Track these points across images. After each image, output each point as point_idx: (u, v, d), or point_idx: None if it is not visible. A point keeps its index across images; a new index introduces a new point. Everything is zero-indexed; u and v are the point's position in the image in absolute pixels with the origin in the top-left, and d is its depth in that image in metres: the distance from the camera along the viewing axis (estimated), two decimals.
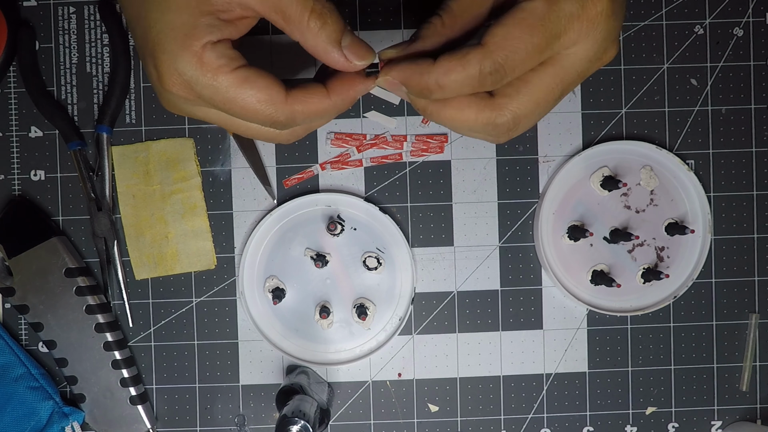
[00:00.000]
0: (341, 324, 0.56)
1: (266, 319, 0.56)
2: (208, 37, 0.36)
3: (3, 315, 0.57)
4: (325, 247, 0.56)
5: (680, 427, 0.57)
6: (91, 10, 0.56)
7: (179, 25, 0.36)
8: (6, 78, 0.56)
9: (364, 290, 0.56)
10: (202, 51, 0.36)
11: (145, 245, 0.56)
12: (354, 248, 0.56)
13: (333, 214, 0.56)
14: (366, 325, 0.56)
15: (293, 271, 0.56)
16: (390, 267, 0.56)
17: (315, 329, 0.56)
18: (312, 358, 0.56)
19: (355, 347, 0.56)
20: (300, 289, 0.56)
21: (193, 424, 0.57)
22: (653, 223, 0.56)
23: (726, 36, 0.57)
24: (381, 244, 0.56)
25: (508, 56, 0.36)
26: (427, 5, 0.56)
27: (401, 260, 0.56)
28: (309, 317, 0.56)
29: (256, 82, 0.37)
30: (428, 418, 0.57)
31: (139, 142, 0.56)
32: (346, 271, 0.56)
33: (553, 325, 0.57)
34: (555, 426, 0.57)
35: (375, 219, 0.56)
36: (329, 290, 0.56)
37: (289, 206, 0.55)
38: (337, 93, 0.38)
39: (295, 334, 0.56)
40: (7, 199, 0.56)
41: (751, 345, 0.57)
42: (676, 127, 0.57)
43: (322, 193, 0.56)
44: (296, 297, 0.56)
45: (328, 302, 0.56)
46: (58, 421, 0.54)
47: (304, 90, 0.38)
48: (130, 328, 0.57)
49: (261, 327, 0.56)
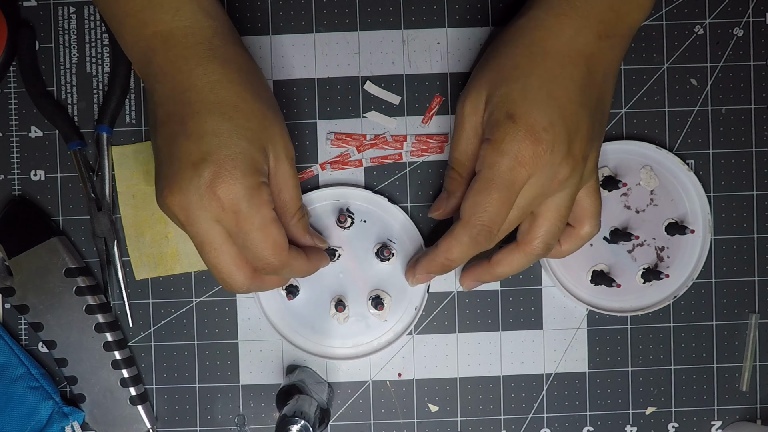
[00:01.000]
0: (357, 317, 0.56)
1: (281, 317, 0.56)
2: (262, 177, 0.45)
3: (3, 315, 0.57)
4: (336, 240, 0.56)
5: (680, 427, 0.57)
6: (91, 10, 0.56)
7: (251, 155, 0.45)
8: (6, 78, 0.56)
9: (378, 282, 0.56)
10: (259, 184, 0.45)
11: (145, 245, 0.56)
12: (365, 240, 0.56)
13: (342, 208, 0.56)
14: (383, 317, 0.56)
15: None
16: (403, 257, 0.56)
17: (331, 325, 0.56)
18: (331, 354, 0.56)
19: (373, 340, 0.56)
20: (314, 285, 0.56)
21: (193, 424, 0.57)
22: (653, 223, 0.56)
23: (726, 36, 0.57)
24: (392, 235, 0.56)
25: (482, 216, 0.45)
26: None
27: (414, 250, 0.56)
28: (324, 313, 0.56)
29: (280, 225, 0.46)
30: (428, 418, 0.57)
31: (139, 142, 0.56)
32: (359, 263, 0.56)
33: (553, 325, 0.57)
34: (555, 426, 0.57)
35: (384, 210, 0.56)
36: (343, 284, 0.56)
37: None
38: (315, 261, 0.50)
39: (311, 330, 0.56)
40: (7, 199, 0.56)
41: (751, 345, 0.57)
42: (676, 127, 0.57)
43: (331, 187, 0.56)
44: (310, 293, 0.56)
45: (343, 296, 0.56)
46: (58, 421, 0.54)
47: (298, 250, 0.48)
48: (130, 328, 0.57)
49: (276, 325, 0.56)
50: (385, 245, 0.55)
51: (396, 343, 0.56)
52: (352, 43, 0.56)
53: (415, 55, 0.56)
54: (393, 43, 0.56)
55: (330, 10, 0.56)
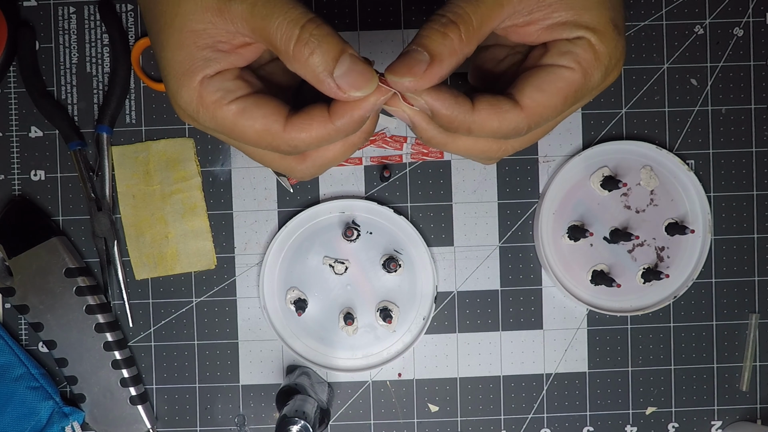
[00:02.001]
0: (366, 329, 0.56)
1: (291, 332, 0.56)
2: (204, 72, 0.36)
3: (3, 315, 0.57)
4: (343, 253, 0.56)
5: (680, 427, 0.57)
6: (91, 10, 0.56)
7: (178, 62, 0.36)
8: (6, 78, 0.56)
9: (385, 293, 0.56)
10: (199, 86, 0.36)
11: (145, 245, 0.56)
12: (372, 252, 0.56)
13: (348, 220, 0.56)
14: (391, 328, 0.56)
15: (313, 281, 0.56)
16: (409, 267, 0.56)
17: (340, 337, 0.56)
18: (340, 366, 0.56)
19: (382, 350, 0.56)
20: (322, 298, 0.56)
21: (193, 424, 0.57)
22: (653, 223, 0.56)
23: (726, 36, 0.57)
24: (398, 246, 0.56)
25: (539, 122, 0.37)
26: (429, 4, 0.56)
27: (420, 260, 0.56)
28: (333, 325, 0.56)
29: (252, 112, 0.36)
30: (428, 418, 0.57)
31: (139, 142, 0.56)
32: (366, 275, 0.56)
33: (553, 325, 0.57)
34: (555, 426, 0.57)
35: (390, 221, 0.56)
36: (351, 296, 0.56)
37: (303, 216, 0.55)
38: (339, 115, 0.35)
39: (320, 343, 0.56)
40: (7, 199, 0.56)
41: (751, 345, 0.57)
42: (676, 127, 0.57)
43: (335, 200, 0.56)
44: (319, 306, 0.56)
45: (351, 308, 0.56)
46: (58, 421, 0.54)
47: (304, 116, 0.36)
48: (130, 328, 0.57)
49: (286, 340, 0.56)
50: (392, 257, 0.55)
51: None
52: (352, 42, 0.56)
53: None
54: (393, 43, 0.56)
55: (330, 10, 0.56)
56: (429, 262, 0.56)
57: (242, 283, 0.57)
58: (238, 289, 0.56)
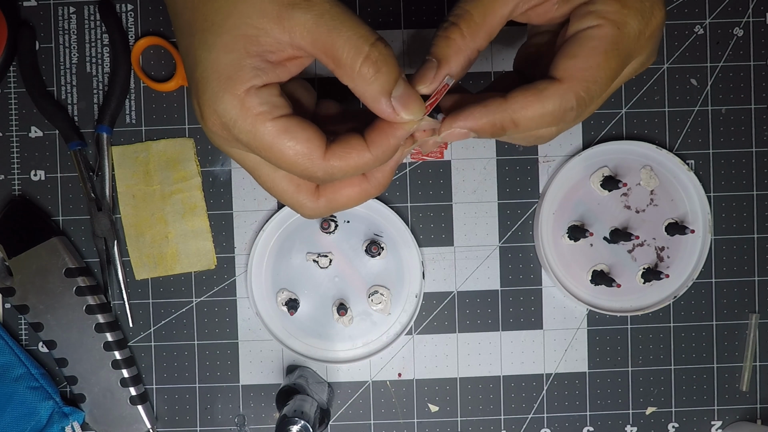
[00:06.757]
0: (361, 317, 0.56)
1: (288, 333, 0.56)
2: (252, 81, 0.34)
3: (3, 315, 0.57)
4: (325, 246, 0.56)
5: (680, 427, 0.57)
6: (91, 10, 0.56)
7: (224, 65, 0.34)
8: (6, 78, 0.56)
9: (374, 278, 0.56)
10: (244, 95, 0.34)
11: (145, 245, 0.56)
12: (353, 240, 0.56)
13: None
14: (385, 311, 0.56)
15: (301, 279, 0.56)
16: (392, 248, 0.56)
17: (337, 329, 0.56)
18: (343, 358, 0.56)
19: (381, 335, 0.56)
20: (313, 295, 0.56)
21: (193, 424, 0.57)
22: (653, 223, 0.56)
23: (726, 36, 0.57)
24: (377, 229, 0.56)
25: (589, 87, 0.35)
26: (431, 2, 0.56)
27: (401, 238, 0.56)
28: (329, 319, 0.56)
29: (297, 134, 0.35)
30: (428, 418, 0.57)
31: (139, 142, 0.56)
32: (352, 264, 0.56)
33: (553, 325, 0.57)
34: (555, 426, 0.57)
35: (365, 206, 0.56)
36: (341, 287, 0.56)
37: (278, 218, 0.55)
38: (376, 145, 0.36)
39: (319, 339, 0.56)
40: (7, 199, 0.56)
41: (751, 345, 0.57)
42: (676, 127, 0.57)
43: None
44: (311, 303, 0.56)
45: (343, 299, 0.56)
46: (58, 421, 0.54)
47: (343, 144, 0.36)
48: (130, 328, 0.57)
49: (285, 342, 0.56)
50: (373, 241, 0.55)
51: (396, 343, 0.56)
52: None
53: (415, 55, 0.56)
54: (393, 43, 0.56)
55: None
56: (410, 239, 0.55)
57: (242, 283, 0.57)
58: (238, 289, 0.56)
